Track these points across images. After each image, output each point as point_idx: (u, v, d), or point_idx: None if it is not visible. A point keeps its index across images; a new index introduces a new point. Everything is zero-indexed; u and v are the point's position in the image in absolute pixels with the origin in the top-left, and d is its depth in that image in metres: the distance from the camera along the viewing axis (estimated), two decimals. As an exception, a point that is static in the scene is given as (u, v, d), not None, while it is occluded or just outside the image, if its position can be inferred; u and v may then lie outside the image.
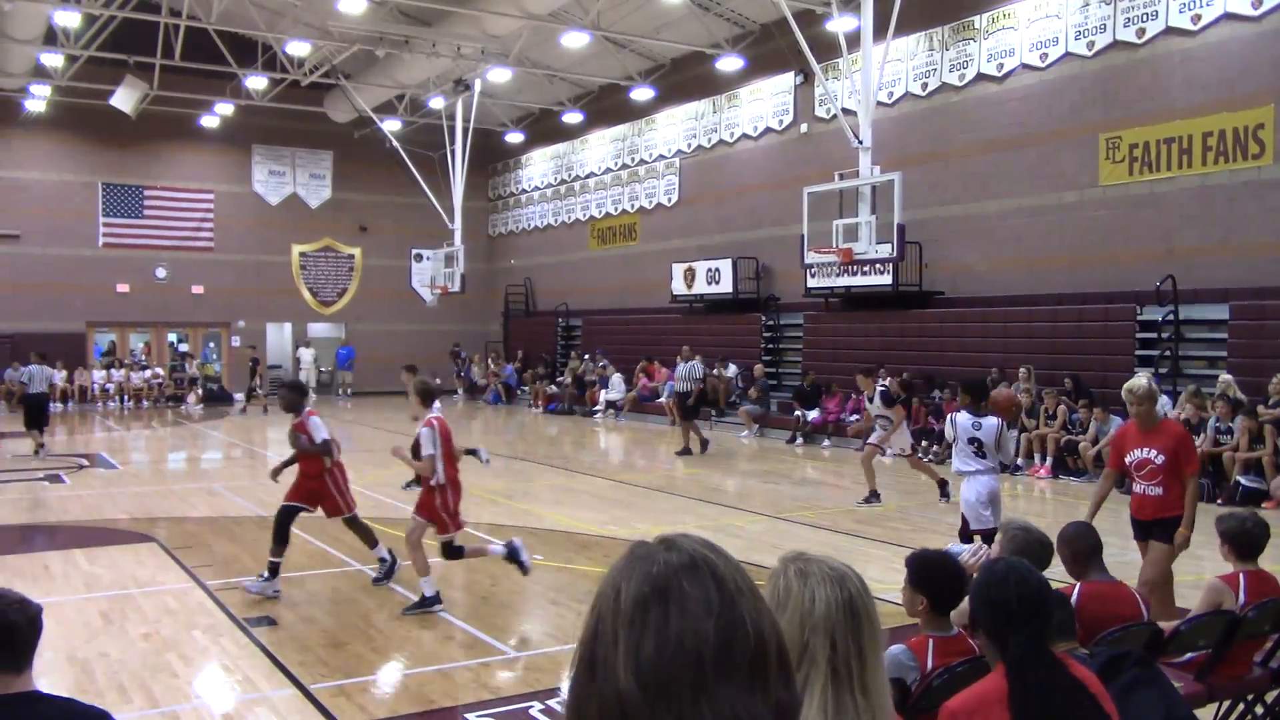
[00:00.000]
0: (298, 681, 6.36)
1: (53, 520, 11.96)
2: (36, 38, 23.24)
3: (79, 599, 8.33)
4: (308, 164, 32.60)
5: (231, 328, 31.67)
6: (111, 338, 30.70)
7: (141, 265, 30.19)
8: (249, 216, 31.72)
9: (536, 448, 19.50)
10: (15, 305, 28.18)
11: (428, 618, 7.76)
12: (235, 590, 8.56)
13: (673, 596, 1.07)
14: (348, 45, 24.35)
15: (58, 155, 29.32)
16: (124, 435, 22.20)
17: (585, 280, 30.08)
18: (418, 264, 33.65)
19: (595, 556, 9.81)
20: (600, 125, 29.14)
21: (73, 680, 6.32)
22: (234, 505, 12.92)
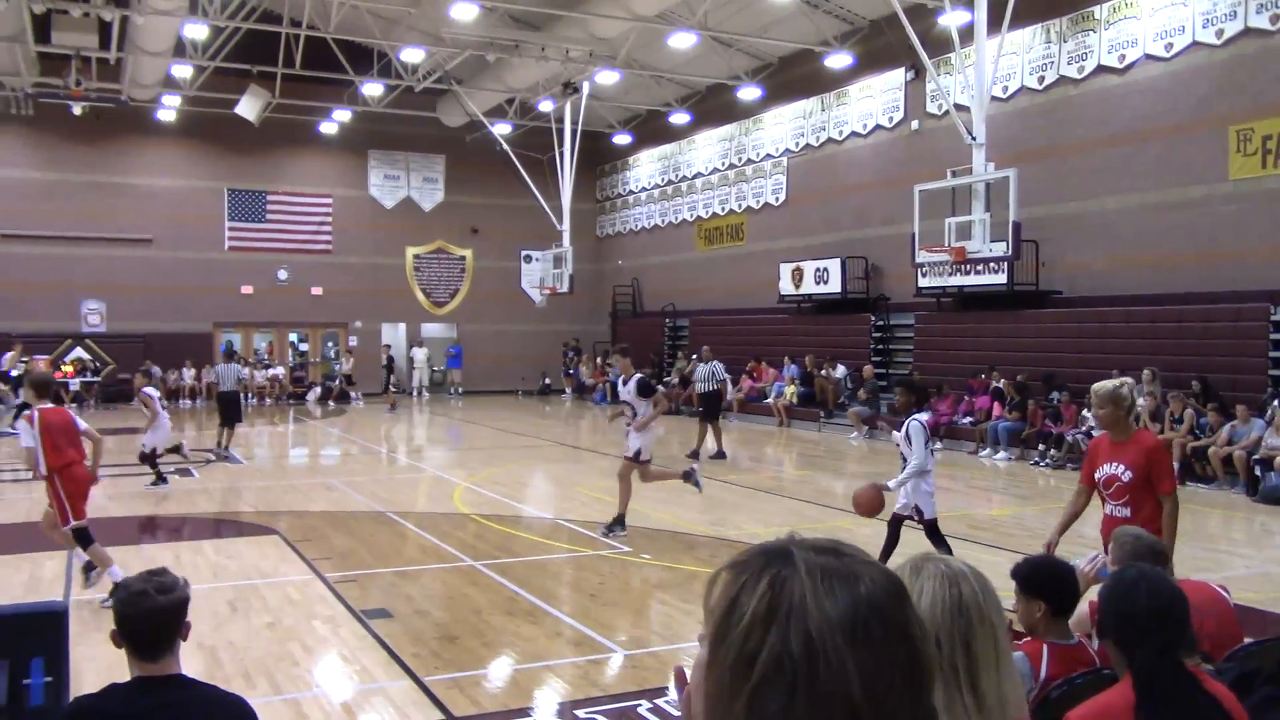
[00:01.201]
0: (412, 673, 6.53)
1: (183, 512, 12.49)
2: (167, 50, 24.30)
3: (207, 588, 8.68)
4: (421, 168, 33.37)
5: (349, 328, 32.62)
6: (236, 337, 31.89)
7: (264, 268, 31.32)
8: (365, 220, 32.63)
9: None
10: (147, 307, 29.54)
11: (537, 615, 7.87)
12: (353, 583, 8.82)
13: (888, 615, 1.06)
14: (459, 51, 24.84)
15: (186, 162, 30.62)
16: (248, 431, 23.05)
17: (692, 280, 30.10)
18: (527, 265, 34.13)
19: (702, 556, 9.81)
20: (707, 125, 29.12)
21: (202, 666, 6.59)
22: (352, 500, 13.31)
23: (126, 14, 21.59)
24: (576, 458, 18.36)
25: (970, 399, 19.09)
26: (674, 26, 22.43)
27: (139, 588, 3.00)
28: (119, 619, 2.96)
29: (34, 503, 13.04)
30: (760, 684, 1.01)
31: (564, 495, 14.04)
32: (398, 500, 13.31)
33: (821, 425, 22.09)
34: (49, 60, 24.90)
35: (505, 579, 8.95)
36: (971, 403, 19.02)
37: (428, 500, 13.52)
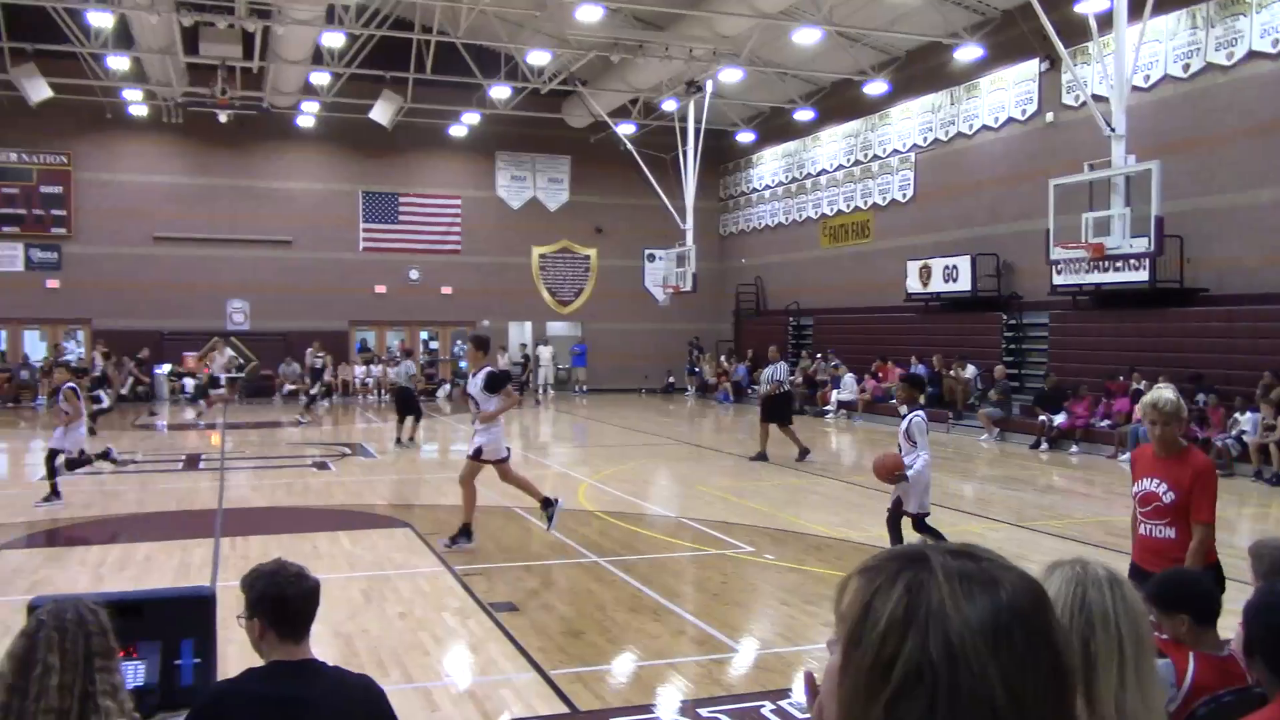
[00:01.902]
0: (538, 666, 6.63)
1: (319, 504, 12.96)
2: (305, 58, 25.26)
3: (343, 577, 8.99)
4: (547, 169, 33.87)
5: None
6: (370, 335, 32.94)
7: (397, 267, 32.27)
8: (492, 220, 33.29)
9: (770, 448, 19.44)
10: (287, 305, 30.76)
11: (661, 612, 7.91)
12: (481, 576, 9.01)
13: (1030, 621, 1.03)
14: (584, 52, 25.12)
15: (323, 166, 31.78)
16: (382, 426, 23.77)
17: (816, 279, 29.77)
18: (650, 264, 34.31)
19: (827, 558, 9.70)
20: (832, 121, 28.76)
21: (337, 652, 6.82)
22: (480, 495, 13.56)
23: (268, 25, 22.54)
24: (699, 456, 18.37)
25: (1108, 401, 18.38)
26: (798, 22, 22.23)
27: (294, 570, 3.10)
28: (271, 601, 3.03)
29: (184, 492, 13.74)
30: (898, 691, 0.99)
31: (687, 494, 14.06)
32: (524, 496, 13.51)
33: (950, 426, 21.58)
34: (197, 70, 26.16)
35: (629, 576, 9.01)
36: (1110, 405, 18.31)
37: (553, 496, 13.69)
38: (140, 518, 11.99)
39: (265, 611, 3.04)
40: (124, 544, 10.31)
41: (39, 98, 24.96)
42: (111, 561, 9.55)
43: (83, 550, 10.06)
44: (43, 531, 11.11)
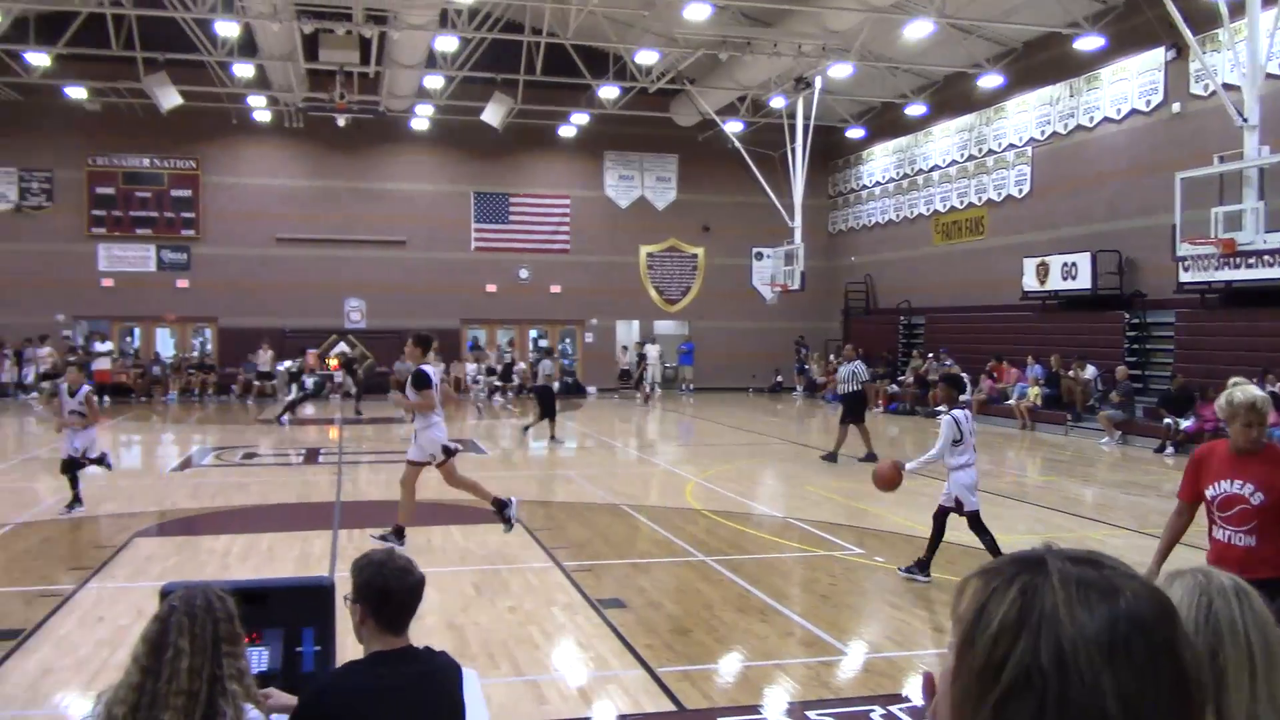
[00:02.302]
0: (645, 663, 6.65)
1: (432, 498, 13.23)
2: (419, 62, 25.85)
3: (455, 570, 9.17)
4: (655, 168, 33.97)
5: (585, 325, 33.64)
6: (481, 334, 33.54)
7: (507, 267, 32.78)
8: (601, 219, 33.54)
9: (876, 448, 19.15)
10: (401, 304, 31.53)
11: (768, 613, 7.86)
12: (589, 572, 9.09)
13: (1152, 633, 1.00)
14: (692, 51, 25.11)
15: (436, 168, 32.46)
16: (492, 423, 24.19)
17: (928, 277, 29.20)
18: (758, 262, 34.11)
19: (939, 562, 9.49)
20: (945, 116, 28.16)
21: (450, 644, 6.96)
22: (588, 492, 13.72)
23: (384, 30, 23.13)
24: (807, 456, 18.19)
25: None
26: (910, 15, 21.81)
27: (401, 563, 3.18)
28: (376, 591, 3.11)
29: (305, 484, 14.19)
30: (1007, 694, 0.98)
31: (795, 494, 13.94)
32: (631, 493, 13.61)
33: (1068, 429, 20.93)
34: (316, 76, 27.01)
35: (736, 575, 8.98)
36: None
37: (660, 494, 13.74)
38: (263, 509, 12.43)
39: (368, 600, 3.13)
40: (248, 534, 10.70)
41: (170, 105, 26.10)
42: (237, 551, 9.92)
43: (210, 539, 10.48)
44: (173, 520, 11.60)
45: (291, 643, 3.91)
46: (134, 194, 30.29)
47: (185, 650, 2.76)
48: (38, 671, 6.43)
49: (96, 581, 8.69)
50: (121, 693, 2.75)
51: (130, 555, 9.72)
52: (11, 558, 9.63)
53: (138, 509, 12.18)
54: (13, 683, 6.24)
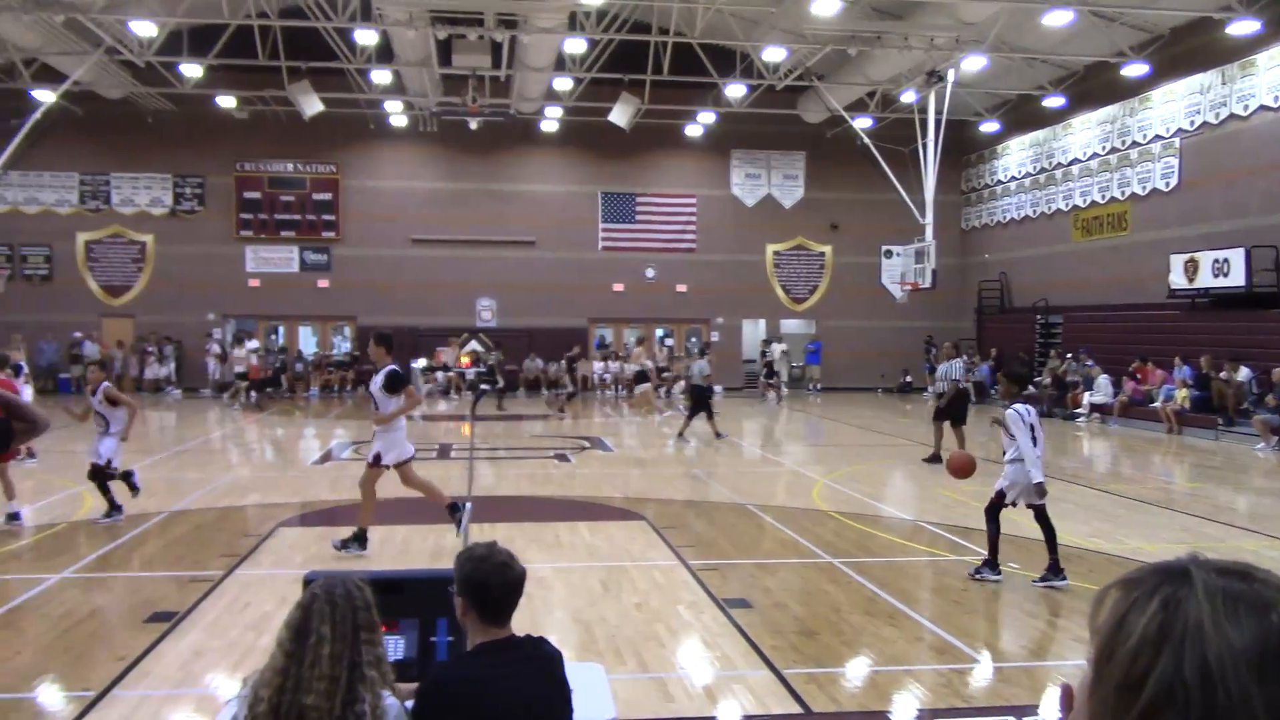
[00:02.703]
0: (771, 664, 6.61)
1: (560, 494, 13.43)
2: (549, 65, 26.24)
3: (582, 566, 9.28)
4: (782, 165, 33.71)
5: (710, 324, 33.62)
6: (608, 332, 33.86)
7: (634, 266, 33.00)
8: (727, 218, 33.46)
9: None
10: (531, 304, 32.10)
11: (897, 617, 7.71)
12: (715, 571, 9.08)
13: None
14: (820, 47, 24.81)
15: (565, 169, 32.91)
16: (619, 421, 24.39)
17: (1067, 274, 28.19)
18: (887, 260, 33.52)
19: (1078, 570, 9.16)
20: (1085, 107, 27.13)
21: (577, 639, 7.05)
22: (713, 491, 13.70)
23: (515, 34, 23.55)
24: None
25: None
26: (1049, 4, 21.08)
27: (501, 558, 3.24)
28: (474, 586, 3.19)
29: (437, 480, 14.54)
30: (1147, 711, 0.95)
31: (924, 496, 13.64)
32: (757, 493, 13.54)
33: (1219, 433, 19.92)
34: (449, 81, 27.70)
35: (864, 578, 8.84)
36: None
37: (786, 495, 13.63)
38: (398, 502, 12.80)
39: (469, 594, 3.21)
40: (384, 526, 11.03)
41: (312, 112, 27.17)
42: (374, 542, 10.24)
43: (348, 531, 10.83)
44: (314, 512, 12.06)
45: (426, 632, 4.02)
46: (279, 198, 31.61)
47: (327, 636, 2.87)
48: (189, 653, 6.77)
49: (243, 568, 9.10)
50: (267, 675, 2.88)
51: (274, 544, 10.14)
52: (166, 544, 10.16)
53: (281, 500, 12.71)
54: (167, 663, 6.58)
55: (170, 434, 20.57)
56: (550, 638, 3.43)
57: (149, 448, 18.15)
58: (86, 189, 30.98)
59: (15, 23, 22.50)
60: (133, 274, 31.23)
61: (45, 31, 23.42)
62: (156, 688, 6.16)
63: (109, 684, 6.15)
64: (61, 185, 30.83)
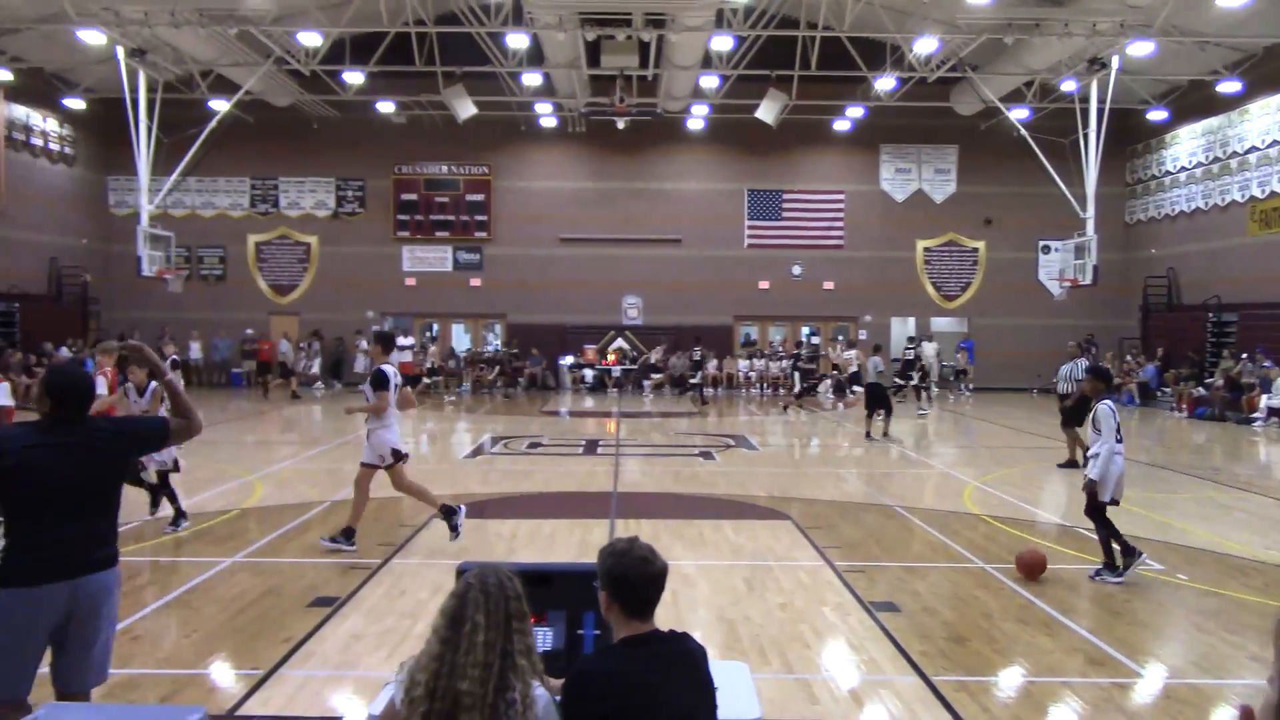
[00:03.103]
0: (920, 670, 6.47)
1: (705, 492, 13.45)
2: (695, 63, 26.28)
3: (726, 564, 9.27)
4: (933, 159, 32.89)
5: (858, 321, 33.08)
6: (753, 330, 33.69)
7: (779, 263, 32.75)
8: (876, 214, 32.86)
9: (1179, 456, 17.70)
10: (676, 301, 32.24)
11: (1053, 626, 7.44)
12: (861, 573, 8.93)
13: None
14: (974, 37, 24.08)
15: (711, 166, 32.91)
16: (764, 419, 24.25)
17: (1242, 269, 26.58)
18: (1045, 256, 32.32)
19: (1254, 584, 8.65)
20: (1264, 92, 25.52)
21: (721, 637, 7.05)
22: (860, 491, 13.48)
23: (662, 33, 23.68)
24: (1098, 462, 17.04)
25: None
26: (1225, -17, 19.93)
27: (642, 552, 3.25)
28: (616, 580, 3.21)
29: (583, 475, 14.78)
30: None
31: (1081, 501, 13.08)
32: (906, 495, 13.26)
33: None
34: (597, 81, 28.08)
35: (1018, 585, 8.56)
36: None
37: (936, 497, 13.30)
38: (546, 496, 13.06)
39: (610, 588, 3.23)
40: (533, 520, 11.27)
41: (466, 115, 27.97)
42: (522, 535, 10.48)
43: (498, 523, 11.12)
44: (466, 504, 12.39)
45: (574, 625, 4.09)
46: (434, 199, 32.64)
47: (481, 625, 2.96)
48: (348, 637, 7.07)
49: (399, 557, 9.44)
50: (423, 661, 2.99)
51: (429, 535, 10.48)
52: (328, 532, 10.61)
53: (435, 492, 13.09)
54: (328, 645, 6.89)
55: (330, 427, 21.49)
56: (694, 635, 3.44)
57: (312, 440, 19.02)
58: (257, 193, 32.69)
59: (194, 36, 23.91)
60: (298, 273, 32.78)
61: (220, 44, 24.82)
62: (319, 669, 6.45)
63: (276, 663, 6.48)
64: (234, 190, 32.61)
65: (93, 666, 4.35)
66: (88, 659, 4.31)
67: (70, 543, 4.20)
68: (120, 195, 32.28)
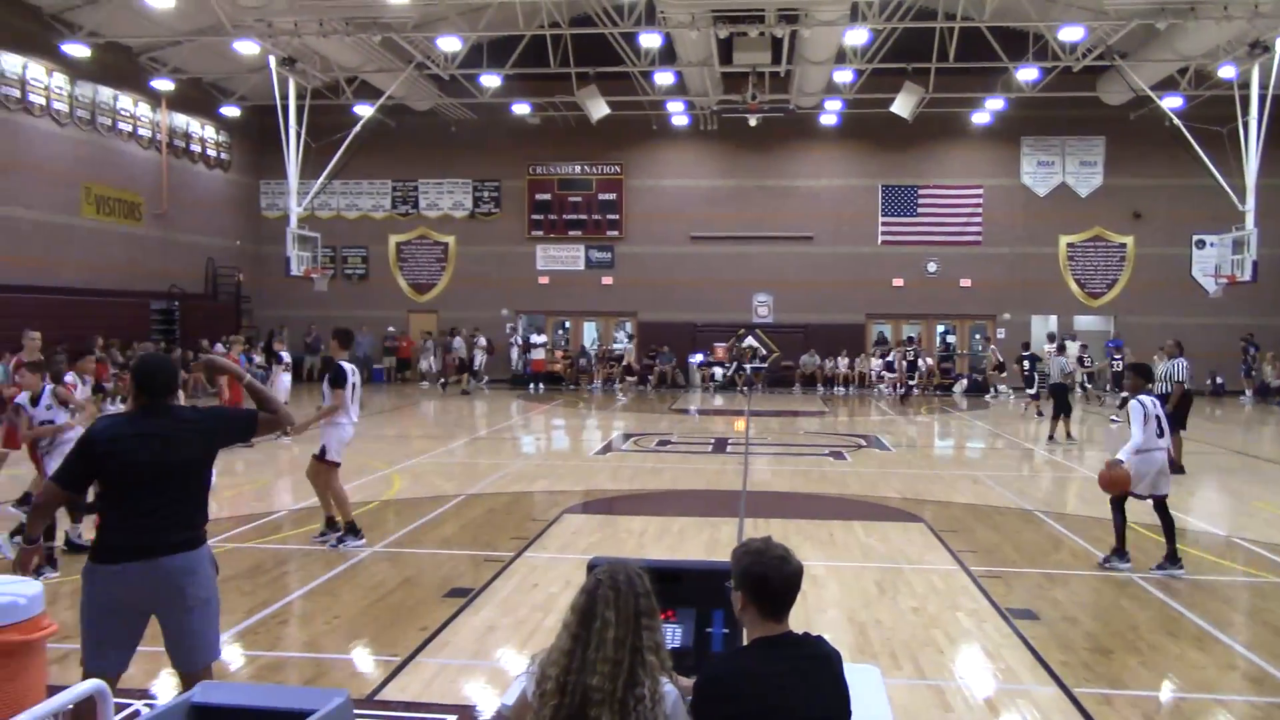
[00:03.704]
0: (1060, 681, 6.25)
1: (835, 492, 13.28)
2: (829, 58, 25.93)
3: (856, 566, 9.14)
4: (1078, 151, 31.68)
5: (996, 320, 32.14)
6: (886, 328, 33.10)
7: (914, 260, 32.06)
8: (1016, 209, 31.85)
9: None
10: (808, 299, 31.90)
11: (1205, 641, 7.08)
12: (998, 579, 8.68)
13: None
14: (1124, 22, 23.08)
15: (844, 162, 32.43)
16: (896, 420, 23.80)
17: None
18: (1199, 251, 30.76)
19: None
20: None
21: (851, 639, 6.96)
22: (996, 494, 13.10)
23: (795, 29, 23.46)
24: (1255, 469, 16.18)
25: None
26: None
27: (778, 552, 3.22)
28: (753, 580, 3.18)
29: (713, 473, 14.77)
30: None
31: (1239, 510, 12.45)
32: (1046, 499, 12.83)
33: None
34: (729, 79, 28.00)
35: (1167, 596, 8.19)
36: None
37: (1078, 502, 12.82)
38: (675, 494, 13.11)
39: (746, 587, 3.20)
40: (661, 517, 11.33)
41: (599, 115, 28.28)
42: (651, 531, 10.55)
43: (627, 519, 11.23)
44: (596, 500, 12.56)
45: (703, 623, 4.10)
46: (567, 199, 33.11)
47: (611, 621, 2.99)
48: (483, 628, 7.24)
49: (531, 551, 9.62)
50: (554, 655, 3.04)
51: (560, 529, 10.65)
52: (463, 525, 10.90)
53: (566, 487, 13.32)
54: (463, 635, 7.07)
55: (465, 422, 22.03)
56: (824, 636, 3.41)
57: (448, 435, 19.53)
58: (398, 194, 33.74)
59: (339, 45, 24.86)
60: (436, 272, 33.70)
61: (364, 51, 25.73)
62: (454, 657, 6.63)
63: (413, 651, 6.68)
64: (376, 192, 33.74)
65: (193, 646, 4.51)
66: (184, 639, 4.50)
67: (150, 525, 4.43)
68: (271, 198, 33.77)
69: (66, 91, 24.93)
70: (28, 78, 23.63)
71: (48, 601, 3.88)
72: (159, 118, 28.58)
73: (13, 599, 3.64)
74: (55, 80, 24.50)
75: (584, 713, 2.93)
